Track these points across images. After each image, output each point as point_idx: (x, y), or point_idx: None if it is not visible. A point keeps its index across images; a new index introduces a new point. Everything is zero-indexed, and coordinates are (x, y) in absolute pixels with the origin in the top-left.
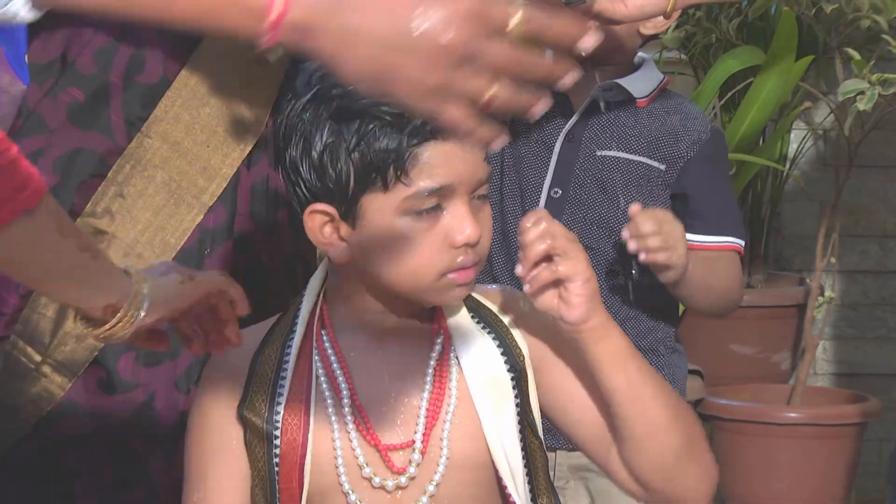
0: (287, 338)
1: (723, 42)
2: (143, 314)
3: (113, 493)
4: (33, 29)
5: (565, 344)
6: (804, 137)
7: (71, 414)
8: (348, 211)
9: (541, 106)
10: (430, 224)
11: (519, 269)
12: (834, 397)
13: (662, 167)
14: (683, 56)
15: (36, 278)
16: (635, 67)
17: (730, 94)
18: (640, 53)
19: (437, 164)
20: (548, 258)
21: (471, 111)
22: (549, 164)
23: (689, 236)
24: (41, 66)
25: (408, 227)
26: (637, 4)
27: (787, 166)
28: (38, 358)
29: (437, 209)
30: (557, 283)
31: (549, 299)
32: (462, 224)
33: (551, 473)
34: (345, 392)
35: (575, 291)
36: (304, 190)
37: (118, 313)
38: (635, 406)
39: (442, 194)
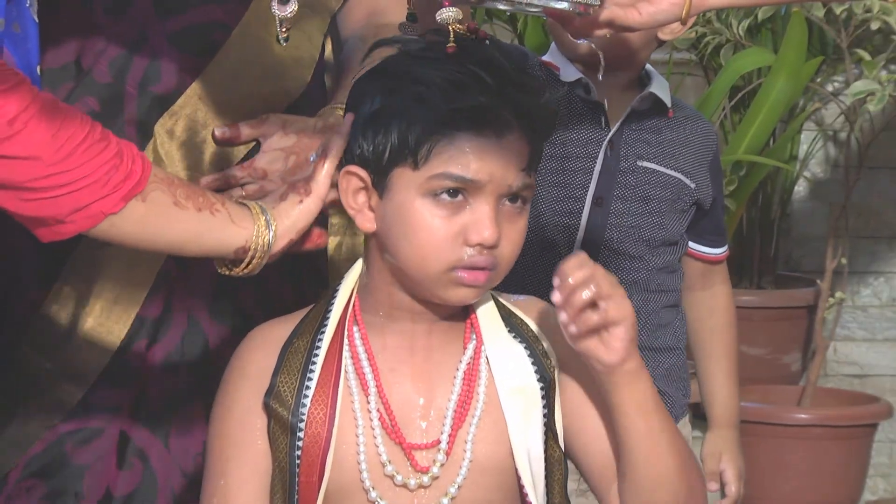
0: (318, 330)
1: (733, 43)
2: (271, 248)
3: (115, 480)
4: (45, 36)
5: (585, 369)
6: (814, 138)
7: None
8: (379, 180)
9: None
10: (449, 213)
11: (563, 317)
12: (844, 398)
13: (693, 185)
14: (693, 57)
15: (164, 248)
16: (641, 75)
17: (740, 96)
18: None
19: (470, 155)
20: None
21: None
22: (592, 173)
23: (704, 249)
24: (55, 70)
25: (428, 209)
26: (650, 12)
27: (797, 167)
28: (49, 367)
29: (461, 201)
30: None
31: (588, 342)
32: (481, 223)
33: (576, 479)
34: (372, 389)
35: (618, 335)
36: (350, 148)
37: (248, 252)
38: (651, 453)
39: (468, 187)
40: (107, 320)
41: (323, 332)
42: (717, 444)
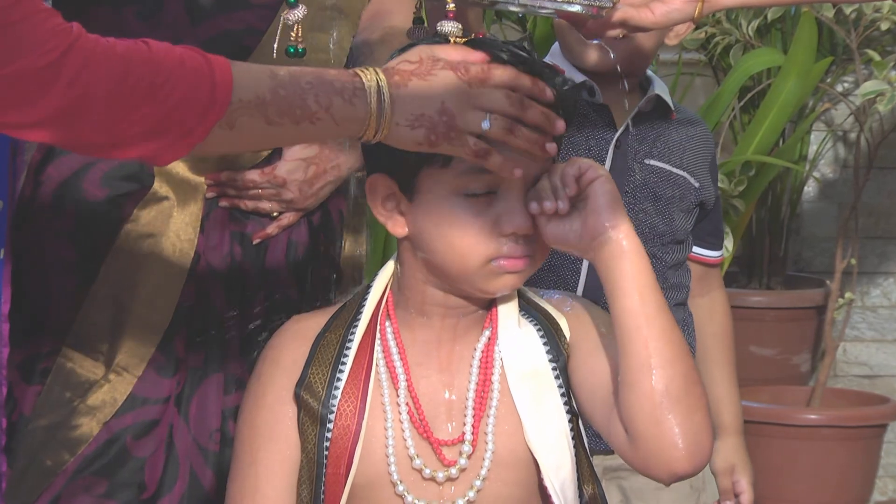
0: (351, 324)
1: (742, 43)
2: (382, 136)
3: (149, 460)
4: None
5: (602, 335)
6: (824, 139)
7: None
8: (407, 183)
9: (551, 147)
10: (482, 207)
11: (560, 205)
12: (854, 399)
13: (697, 185)
14: (703, 57)
15: (264, 149)
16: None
17: (749, 96)
18: None
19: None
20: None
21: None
22: None
23: (702, 251)
24: None
25: (460, 207)
26: (663, 11)
27: (807, 168)
28: (100, 369)
29: (490, 195)
30: (576, 212)
31: (572, 226)
32: (513, 214)
33: None
34: (402, 383)
35: (597, 191)
36: (372, 158)
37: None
38: (640, 334)
39: (497, 179)
40: (151, 312)
41: (356, 326)
42: (729, 456)
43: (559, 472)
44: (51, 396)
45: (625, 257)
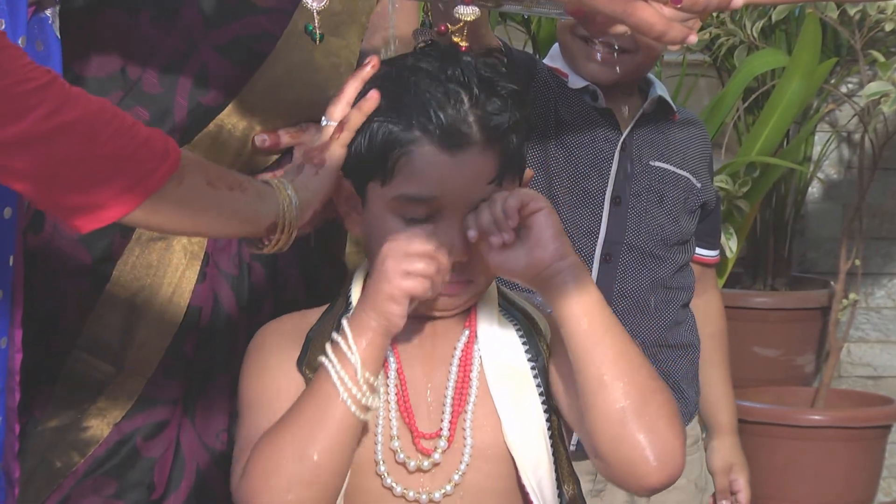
0: (342, 315)
1: (747, 44)
2: (297, 220)
3: (159, 461)
4: (87, 46)
5: None
6: (828, 140)
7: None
8: (359, 189)
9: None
10: (419, 233)
11: (506, 237)
12: (858, 400)
13: (699, 185)
14: (707, 58)
15: (197, 229)
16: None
17: (754, 97)
18: None
19: (426, 173)
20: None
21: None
22: (608, 174)
23: (701, 251)
24: (101, 79)
25: (398, 228)
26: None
27: (811, 169)
28: (110, 369)
29: (428, 220)
30: (519, 242)
31: (517, 256)
32: (448, 242)
33: (591, 479)
34: (392, 369)
35: (541, 224)
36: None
37: (277, 227)
38: (590, 356)
39: (430, 205)
40: (162, 314)
41: (347, 318)
42: (726, 455)
43: (537, 469)
44: (61, 398)
45: (570, 284)
